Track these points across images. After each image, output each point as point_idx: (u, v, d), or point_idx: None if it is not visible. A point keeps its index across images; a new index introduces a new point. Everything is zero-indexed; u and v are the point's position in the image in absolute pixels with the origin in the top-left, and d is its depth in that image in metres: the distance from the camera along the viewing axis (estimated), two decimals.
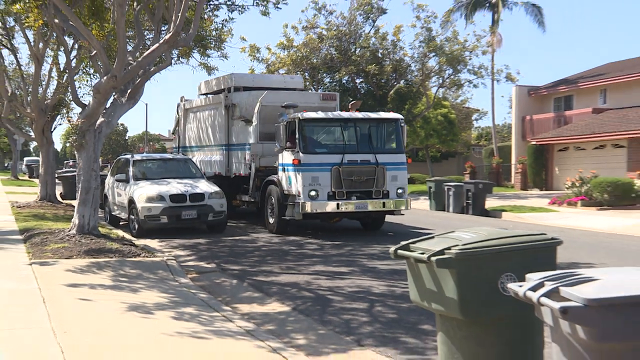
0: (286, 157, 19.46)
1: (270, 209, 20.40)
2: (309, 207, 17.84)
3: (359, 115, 21.56)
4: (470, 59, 44.44)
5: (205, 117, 26.75)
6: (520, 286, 5.08)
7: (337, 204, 18.09)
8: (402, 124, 20.85)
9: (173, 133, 33.93)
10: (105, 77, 16.01)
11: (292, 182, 18.90)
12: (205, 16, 22.96)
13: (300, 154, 18.55)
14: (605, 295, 4.51)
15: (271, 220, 20.28)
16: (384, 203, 18.60)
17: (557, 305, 4.60)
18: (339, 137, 20.16)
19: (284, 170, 19.89)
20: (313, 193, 18.18)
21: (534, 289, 4.91)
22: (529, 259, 5.90)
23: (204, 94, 28.14)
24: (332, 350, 8.50)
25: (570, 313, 4.55)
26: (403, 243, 6.42)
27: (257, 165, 21.84)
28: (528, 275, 5.17)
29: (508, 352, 5.97)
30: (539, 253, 6.06)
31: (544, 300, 4.76)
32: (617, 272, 5.10)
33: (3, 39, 28.88)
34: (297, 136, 18.78)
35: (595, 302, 4.47)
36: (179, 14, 14.92)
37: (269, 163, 21.19)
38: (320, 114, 20.63)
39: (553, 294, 4.75)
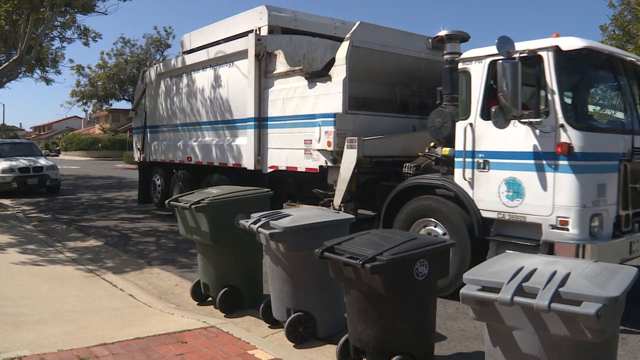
0: (508, 138, 5.92)
1: None
2: (592, 254, 5.38)
3: None
4: None
5: (201, 81, 11.56)
6: (247, 221, 5.22)
7: (630, 244, 5.85)
8: None
9: (133, 110, 15.38)
10: None
11: (526, 193, 5.75)
12: (44, 44, 21.63)
13: (573, 131, 5.47)
14: (293, 224, 4.77)
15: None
16: None
17: (267, 232, 4.81)
18: (619, 100, 6.70)
19: (483, 166, 6.12)
20: (597, 223, 5.55)
21: (254, 223, 5.06)
22: (253, 204, 5.91)
23: (196, 49, 12.19)
24: (131, 269, 8.23)
25: (274, 236, 4.77)
26: (173, 197, 6.36)
27: (358, 155, 7.54)
28: (252, 215, 5.30)
29: (241, 262, 6.00)
30: (259, 201, 6.09)
31: (260, 229, 4.94)
32: (301, 211, 5.36)
33: None
34: (548, 92, 5.62)
35: (288, 229, 4.73)
36: (24, 43, 14.74)
37: (380, 151, 7.92)
38: (602, 46, 6.27)
39: (265, 225, 4.93)
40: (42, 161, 20.18)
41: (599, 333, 2.71)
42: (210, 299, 6.27)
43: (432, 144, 7.33)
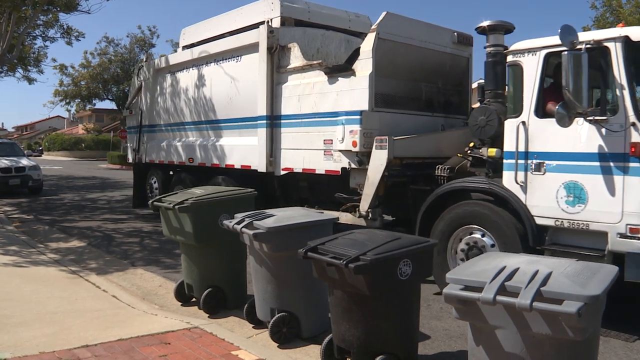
0: (567, 137, 5.34)
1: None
2: None
3: None
4: None
5: (205, 77, 10.74)
6: (231, 222, 5.18)
7: None
8: None
9: (127, 108, 14.32)
10: None
11: (590, 198, 5.18)
12: (26, 43, 21.54)
13: None
14: (277, 225, 4.75)
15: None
16: None
17: (251, 232, 4.78)
18: None
19: (538, 168, 5.52)
20: None
21: (238, 223, 5.03)
22: (237, 204, 5.87)
23: (197, 43, 11.36)
24: (115, 270, 8.14)
25: (258, 236, 4.74)
26: (157, 197, 6.30)
27: (389, 156, 6.78)
28: (236, 215, 5.27)
29: (225, 262, 5.96)
30: (243, 201, 6.06)
31: (244, 230, 4.90)
32: (284, 211, 5.32)
33: None
34: (616, 87, 5.08)
35: (272, 229, 4.70)
36: (6, 41, 14.77)
37: (410, 152, 7.21)
38: None
39: (249, 225, 4.90)
40: (25, 161, 19.94)
41: (580, 331, 2.72)
42: (194, 299, 6.21)
43: (471, 144, 6.71)
